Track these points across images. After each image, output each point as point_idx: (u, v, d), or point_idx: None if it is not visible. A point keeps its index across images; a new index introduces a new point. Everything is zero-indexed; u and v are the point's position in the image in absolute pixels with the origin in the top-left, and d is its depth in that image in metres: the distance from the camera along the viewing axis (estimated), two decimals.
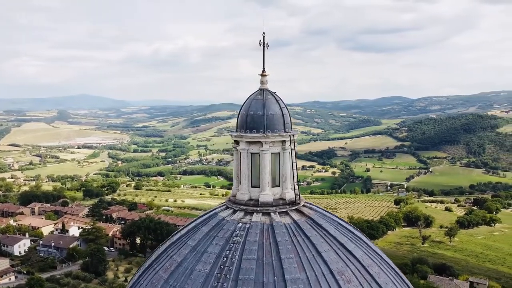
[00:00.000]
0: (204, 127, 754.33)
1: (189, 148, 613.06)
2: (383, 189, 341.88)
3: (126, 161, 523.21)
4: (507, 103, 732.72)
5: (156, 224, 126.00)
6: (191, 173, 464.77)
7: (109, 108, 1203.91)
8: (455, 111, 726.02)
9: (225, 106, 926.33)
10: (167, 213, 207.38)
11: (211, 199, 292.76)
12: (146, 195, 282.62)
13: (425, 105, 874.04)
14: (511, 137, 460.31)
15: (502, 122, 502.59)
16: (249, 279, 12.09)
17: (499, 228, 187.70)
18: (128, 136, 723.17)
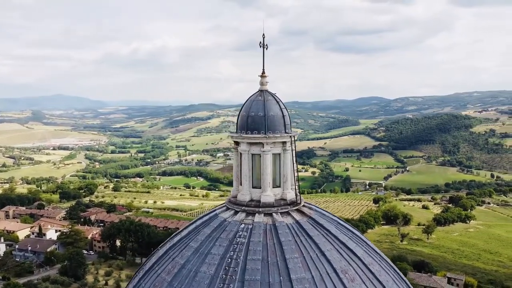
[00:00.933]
0: (183, 128, 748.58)
1: (168, 148, 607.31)
2: (362, 188, 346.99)
3: (104, 163, 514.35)
4: (480, 103, 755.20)
5: (136, 226, 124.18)
6: (171, 174, 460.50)
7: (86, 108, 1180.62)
8: (431, 111, 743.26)
9: (204, 107, 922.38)
10: (147, 215, 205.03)
11: (191, 200, 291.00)
12: (125, 197, 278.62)
13: (402, 105, 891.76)
14: (484, 137, 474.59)
15: (476, 122, 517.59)
16: (255, 279, 12.14)
17: (473, 225, 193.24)
18: (105, 137, 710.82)
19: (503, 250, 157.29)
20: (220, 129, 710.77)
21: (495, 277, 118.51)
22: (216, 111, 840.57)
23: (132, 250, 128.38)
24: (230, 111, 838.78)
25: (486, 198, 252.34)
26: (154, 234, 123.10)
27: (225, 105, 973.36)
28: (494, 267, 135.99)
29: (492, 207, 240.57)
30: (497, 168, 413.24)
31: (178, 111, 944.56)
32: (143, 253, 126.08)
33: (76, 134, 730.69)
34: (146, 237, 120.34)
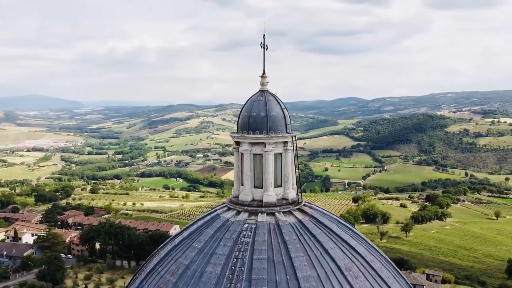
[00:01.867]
0: (162, 128, 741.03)
1: (147, 149, 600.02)
2: (341, 188, 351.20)
3: (81, 164, 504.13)
4: (454, 104, 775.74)
5: (116, 229, 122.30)
6: (149, 175, 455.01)
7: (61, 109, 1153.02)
8: (407, 111, 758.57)
9: (183, 107, 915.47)
10: (126, 217, 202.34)
11: (171, 202, 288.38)
12: (103, 199, 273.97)
13: (379, 106, 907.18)
14: (458, 136, 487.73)
15: (450, 122, 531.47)
16: (262, 278, 12.21)
17: (449, 222, 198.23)
18: (82, 138, 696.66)
19: (478, 246, 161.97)
20: (199, 129, 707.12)
21: (471, 273, 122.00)
22: (195, 112, 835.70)
23: (112, 253, 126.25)
24: (209, 112, 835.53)
25: (461, 196, 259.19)
26: (134, 236, 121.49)
27: (204, 106, 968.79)
28: (470, 263, 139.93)
29: (466, 204, 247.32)
30: (470, 166, 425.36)
31: (156, 112, 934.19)
32: (124, 256, 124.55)
33: (51, 135, 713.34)
34: (127, 239, 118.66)
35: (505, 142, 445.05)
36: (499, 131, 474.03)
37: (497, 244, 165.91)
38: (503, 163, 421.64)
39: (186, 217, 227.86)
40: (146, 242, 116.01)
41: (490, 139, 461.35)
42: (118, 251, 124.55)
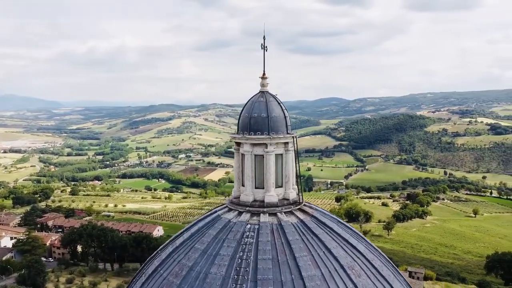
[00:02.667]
0: (144, 129, 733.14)
1: (128, 150, 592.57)
2: (324, 187, 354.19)
3: (60, 166, 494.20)
4: (433, 104, 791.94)
5: (99, 231, 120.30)
6: (131, 177, 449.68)
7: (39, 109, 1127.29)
8: (388, 112, 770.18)
9: (165, 107, 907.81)
10: (108, 219, 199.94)
11: (154, 203, 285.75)
12: (83, 201, 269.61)
13: (360, 106, 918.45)
14: (437, 136, 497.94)
15: (429, 121, 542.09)
16: (268, 278, 12.26)
17: (430, 220, 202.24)
18: (61, 139, 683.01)
19: (458, 243, 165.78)
20: (181, 130, 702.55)
21: (452, 269, 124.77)
22: (177, 112, 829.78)
23: (94, 255, 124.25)
24: (191, 112, 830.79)
25: (441, 194, 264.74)
26: (118, 238, 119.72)
27: (186, 106, 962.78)
28: (450, 259, 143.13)
29: (446, 202, 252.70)
30: (449, 165, 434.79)
31: (138, 112, 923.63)
32: (106, 259, 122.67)
33: (29, 136, 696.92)
34: (110, 241, 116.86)
35: (482, 142, 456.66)
36: (476, 131, 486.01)
37: (476, 241, 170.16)
38: (480, 162, 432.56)
39: (169, 218, 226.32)
40: (130, 244, 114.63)
41: (467, 139, 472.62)
42: (100, 254, 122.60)
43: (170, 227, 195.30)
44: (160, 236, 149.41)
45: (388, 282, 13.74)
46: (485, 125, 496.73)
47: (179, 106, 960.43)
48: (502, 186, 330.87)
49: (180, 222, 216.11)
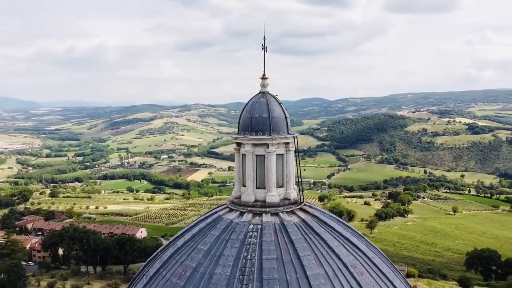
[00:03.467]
0: (125, 129, 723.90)
1: (109, 151, 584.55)
2: (307, 187, 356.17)
3: (38, 167, 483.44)
4: (413, 104, 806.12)
5: (81, 233, 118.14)
6: (112, 178, 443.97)
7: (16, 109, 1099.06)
8: (369, 112, 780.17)
9: (146, 107, 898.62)
10: (90, 221, 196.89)
11: (136, 204, 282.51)
12: (63, 203, 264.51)
13: (342, 106, 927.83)
14: (417, 136, 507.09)
15: (409, 121, 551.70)
16: (273, 278, 12.32)
17: (411, 218, 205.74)
18: (39, 140, 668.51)
19: (438, 240, 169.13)
20: (163, 130, 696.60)
21: (433, 266, 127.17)
22: (159, 112, 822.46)
23: (76, 258, 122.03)
24: (173, 112, 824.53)
25: (421, 193, 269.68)
26: (100, 240, 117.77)
27: (168, 106, 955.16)
28: (431, 257, 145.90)
29: (426, 201, 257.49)
30: (429, 164, 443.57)
31: (118, 112, 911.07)
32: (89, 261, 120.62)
33: (6, 137, 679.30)
34: (92, 244, 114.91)
35: (460, 141, 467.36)
36: (455, 130, 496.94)
37: (455, 238, 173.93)
38: (459, 160, 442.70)
39: (153, 220, 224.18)
40: (113, 246, 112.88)
41: (446, 138, 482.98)
42: (82, 257, 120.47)
43: (153, 228, 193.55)
44: (144, 237, 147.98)
45: (389, 279, 13.98)
46: (463, 125, 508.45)
47: (161, 106, 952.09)
48: (480, 184, 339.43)
49: (163, 223, 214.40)
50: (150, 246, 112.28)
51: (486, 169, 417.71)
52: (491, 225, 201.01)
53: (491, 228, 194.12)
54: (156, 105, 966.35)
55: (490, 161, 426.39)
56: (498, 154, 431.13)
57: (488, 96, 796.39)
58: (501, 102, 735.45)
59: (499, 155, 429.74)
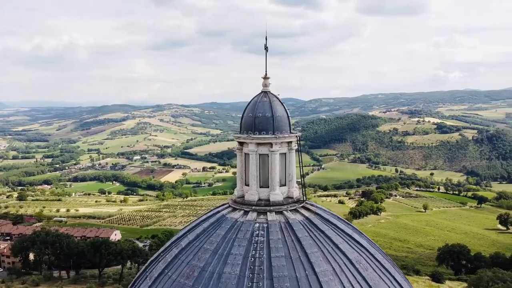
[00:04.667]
0: (96, 130, 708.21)
1: (79, 152, 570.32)
2: None
3: (4, 170, 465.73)
4: (384, 104, 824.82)
5: (53, 237, 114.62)
6: (83, 180, 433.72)
7: None
8: (342, 112, 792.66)
9: (118, 108, 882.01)
10: (61, 224, 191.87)
11: (109, 206, 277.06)
12: (32, 206, 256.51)
13: (316, 106, 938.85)
14: (388, 135, 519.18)
15: (381, 121, 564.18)
16: (283, 275, 12.43)
17: (384, 216, 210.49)
18: (5, 142, 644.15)
19: (410, 237, 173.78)
20: (136, 130, 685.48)
21: (406, 262, 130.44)
22: (131, 112, 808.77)
23: (48, 263, 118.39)
24: (146, 112, 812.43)
25: (393, 191, 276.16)
26: (74, 244, 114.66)
27: (141, 106, 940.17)
28: (404, 253, 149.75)
29: (398, 199, 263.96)
30: (400, 163, 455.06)
31: (89, 113, 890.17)
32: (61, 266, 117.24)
33: None
34: (66, 248, 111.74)
35: (429, 140, 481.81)
36: (424, 130, 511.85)
37: (427, 234, 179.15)
38: (428, 159, 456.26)
39: (126, 222, 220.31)
40: (87, 250, 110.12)
41: (416, 138, 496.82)
42: (55, 261, 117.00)
43: (128, 231, 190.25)
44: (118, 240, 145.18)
45: (391, 274, 14.38)
46: (432, 125, 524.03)
47: (133, 106, 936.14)
48: (448, 182, 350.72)
49: (138, 225, 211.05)
50: (126, 249, 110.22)
51: (453, 167, 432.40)
52: (459, 221, 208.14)
53: (459, 224, 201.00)
54: (128, 105, 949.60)
55: (458, 160, 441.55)
56: (465, 153, 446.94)
57: (455, 97, 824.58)
58: (467, 102, 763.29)
59: (466, 153, 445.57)
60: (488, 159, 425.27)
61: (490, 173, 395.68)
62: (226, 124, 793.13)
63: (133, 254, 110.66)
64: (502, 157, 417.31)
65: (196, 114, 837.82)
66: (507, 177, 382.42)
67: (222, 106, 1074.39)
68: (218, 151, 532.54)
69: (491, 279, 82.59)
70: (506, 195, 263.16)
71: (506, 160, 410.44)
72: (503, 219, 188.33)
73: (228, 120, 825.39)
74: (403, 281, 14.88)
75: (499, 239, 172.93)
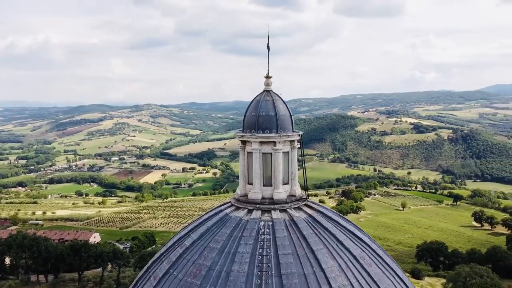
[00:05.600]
0: (72, 131, 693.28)
1: (55, 154, 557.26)
2: None
3: None
4: (362, 104, 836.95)
5: (31, 241, 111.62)
6: (59, 182, 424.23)
7: None
8: (321, 112, 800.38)
9: (95, 108, 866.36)
10: (37, 227, 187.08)
11: (87, 208, 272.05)
12: (6, 209, 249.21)
13: (295, 106, 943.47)
14: (367, 135, 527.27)
15: (359, 121, 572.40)
16: (292, 272, 12.54)
17: (364, 215, 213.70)
18: None
19: (389, 235, 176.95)
20: (114, 131, 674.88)
21: None
22: (108, 113, 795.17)
23: (26, 267, 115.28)
24: (124, 113, 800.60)
25: (372, 190, 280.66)
26: (53, 247, 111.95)
27: (118, 106, 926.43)
28: None
29: (377, 198, 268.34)
30: (378, 162, 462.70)
31: (65, 113, 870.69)
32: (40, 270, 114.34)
33: None
34: (44, 251, 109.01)
35: (406, 140, 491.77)
36: (402, 130, 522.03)
37: (405, 232, 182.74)
38: (405, 158, 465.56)
39: (105, 224, 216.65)
40: (67, 253, 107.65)
41: (394, 137, 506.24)
42: (32, 265, 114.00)
43: (107, 233, 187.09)
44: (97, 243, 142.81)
45: (393, 269, 14.70)
46: (409, 125, 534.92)
47: (110, 106, 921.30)
48: (425, 181, 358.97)
49: (117, 227, 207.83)
50: (107, 251, 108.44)
51: (430, 166, 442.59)
52: (436, 218, 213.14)
53: (436, 221, 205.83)
54: (105, 105, 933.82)
55: (434, 159, 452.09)
56: (440, 152, 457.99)
57: (431, 97, 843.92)
58: (442, 102, 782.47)
59: (441, 152, 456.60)
60: (463, 158, 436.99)
61: (464, 171, 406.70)
62: (206, 124, 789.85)
63: (114, 256, 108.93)
64: (476, 156, 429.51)
65: (175, 114, 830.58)
66: (481, 176, 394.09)
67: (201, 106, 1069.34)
68: (198, 151, 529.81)
69: (468, 274, 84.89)
70: (480, 193, 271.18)
71: (479, 159, 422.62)
72: (478, 216, 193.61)
73: (208, 120, 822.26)
74: (404, 277, 15.24)
75: (474, 236, 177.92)
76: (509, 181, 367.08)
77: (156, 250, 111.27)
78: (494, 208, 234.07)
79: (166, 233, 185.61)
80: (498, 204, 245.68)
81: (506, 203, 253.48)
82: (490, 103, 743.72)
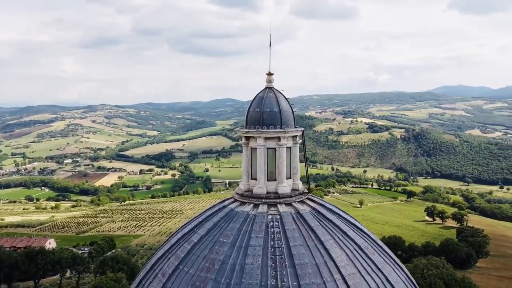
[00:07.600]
0: (20, 132, 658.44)
1: (2, 157, 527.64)
2: (223, 188, 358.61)
3: None
4: (320, 105, 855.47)
5: None
6: (7, 186, 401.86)
7: None
8: None
9: (45, 108, 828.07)
10: None
11: (39, 214, 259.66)
12: None
13: None
14: (324, 135, 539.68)
15: (317, 121, 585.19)
16: (304, 263, 12.89)
17: None
18: None
19: None
20: (66, 132, 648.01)
21: None
22: (60, 113, 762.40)
23: None
24: (77, 113, 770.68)
25: (331, 189, 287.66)
26: (6, 255, 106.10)
27: (71, 107, 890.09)
28: None
29: (336, 196, 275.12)
30: (336, 161, 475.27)
31: (12, 114, 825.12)
32: None
33: None
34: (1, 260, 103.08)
35: (362, 139, 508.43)
36: (357, 130, 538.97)
37: None
38: (361, 157, 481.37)
39: (60, 229, 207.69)
40: (21, 261, 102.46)
41: (350, 137, 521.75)
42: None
43: (62, 239, 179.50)
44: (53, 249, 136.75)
45: (393, 258, 15.46)
46: (364, 124, 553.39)
47: (62, 107, 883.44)
48: (380, 178, 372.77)
49: (73, 232, 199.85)
50: (66, 257, 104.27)
51: (384, 164, 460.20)
52: (392, 214, 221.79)
53: (392, 217, 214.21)
54: (56, 106, 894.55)
55: (388, 157, 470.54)
56: (394, 151, 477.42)
57: (384, 98, 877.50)
58: (395, 103, 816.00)
59: (395, 151, 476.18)
60: (415, 156, 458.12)
61: (416, 169, 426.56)
62: (164, 125, 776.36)
63: (73, 262, 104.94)
64: (427, 154, 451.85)
65: (131, 115, 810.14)
66: (431, 173, 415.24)
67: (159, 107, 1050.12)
68: (156, 152, 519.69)
69: (425, 266, 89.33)
70: (431, 189, 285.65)
71: (430, 157, 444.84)
72: (430, 211, 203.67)
73: (166, 121, 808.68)
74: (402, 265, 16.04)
75: (427, 230, 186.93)
76: (457, 178, 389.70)
77: (117, 255, 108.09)
78: (444, 203, 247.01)
79: (126, 236, 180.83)
80: (448, 200, 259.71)
81: (455, 198, 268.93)
82: (438, 103, 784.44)
